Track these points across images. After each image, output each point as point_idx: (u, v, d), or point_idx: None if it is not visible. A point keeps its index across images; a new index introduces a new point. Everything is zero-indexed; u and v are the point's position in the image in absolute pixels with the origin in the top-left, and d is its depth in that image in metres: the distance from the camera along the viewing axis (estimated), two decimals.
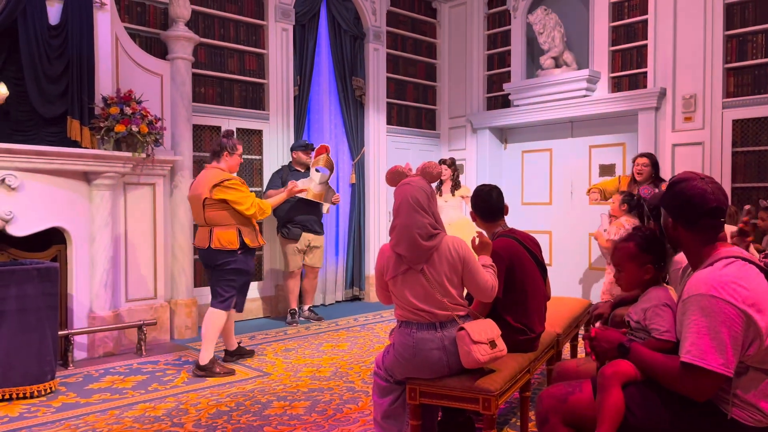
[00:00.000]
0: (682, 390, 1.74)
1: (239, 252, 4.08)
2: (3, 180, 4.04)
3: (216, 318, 4.09)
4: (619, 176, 5.85)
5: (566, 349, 4.15)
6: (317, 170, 5.63)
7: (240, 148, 4.23)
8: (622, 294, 2.37)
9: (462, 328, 2.41)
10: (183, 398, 3.61)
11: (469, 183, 7.41)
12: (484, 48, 7.56)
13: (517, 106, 7.09)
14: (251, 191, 4.31)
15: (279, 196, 4.83)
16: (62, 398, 3.61)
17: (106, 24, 4.66)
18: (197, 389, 3.79)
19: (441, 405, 2.63)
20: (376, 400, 2.69)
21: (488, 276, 2.53)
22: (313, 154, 5.66)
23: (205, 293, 5.64)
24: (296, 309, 5.83)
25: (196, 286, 5.50)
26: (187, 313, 5.25)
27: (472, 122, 7.58)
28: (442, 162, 6.43)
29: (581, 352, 4.30)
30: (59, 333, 3.98)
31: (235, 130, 4.98)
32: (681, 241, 1.87)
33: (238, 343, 4.59)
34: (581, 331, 4.14)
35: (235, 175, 4.21)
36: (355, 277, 7.05)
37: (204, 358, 4.07)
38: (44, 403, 3.54)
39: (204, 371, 4.06)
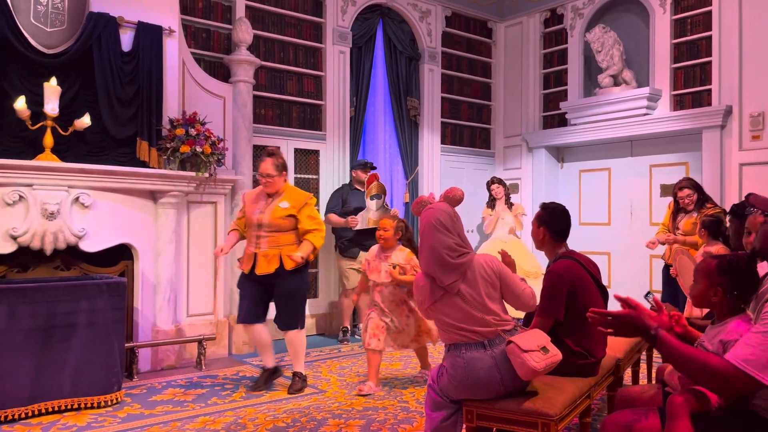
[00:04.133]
0: (712, 386, 1.76)
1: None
2: (77, 198, 4.25)
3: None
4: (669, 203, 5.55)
5: (627, 374, 4.02)
6: (371, 199, 5.73)
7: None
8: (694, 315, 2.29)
9: (510, 342, 2.40)
10: (241, 413, 3.69)
11: (525, 203, 7.33)
12: (540, 67, 7.51)
13: (575, 124, 6.99)
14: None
15: (338, 221, 5.27)
16: (128, 409, 3.74)
17: (174, 50, 4.88)
18: (254, 404, 3.86)
19: (498, 428, 2.60)
20: (428, 413, 2.68)
21: (525, 285, 2.59)
22: (365, 184, 5.77)
23: None
24: (348, 327, 5.87)
25: None
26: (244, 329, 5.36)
27: (527, 141, 7.51)
28: (492, 182, 6.55)
29: (643, 378, 4.16)
30: (125, 345, 4.14)
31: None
32: None
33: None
34: (643, 356, 4.01)
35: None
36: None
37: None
38: (110, 413, 3.67)
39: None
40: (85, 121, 4.30)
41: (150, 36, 4.67)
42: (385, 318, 4.16)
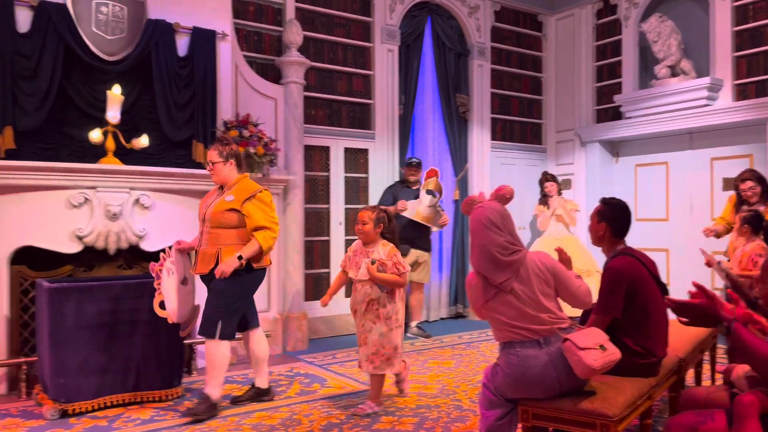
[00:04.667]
0: None
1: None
2: (137, 200, 4.41)
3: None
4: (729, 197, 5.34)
5: (689, 375, 3.88)
6: (427, 192, 5.71)
7: None
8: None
9: (566, 339, 2.36)
10: (296, 409, 3.75)
11: (578, 198, 7.17)
12: (592, 59, 7.33)
13: (630, 117, 6.79)
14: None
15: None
16: (187, 403, 3.85)
17: (227, 54, 4.99)
18: (309, 401, 3.92)
19: (554, 428, 2.56)
20: (482, 412, 2.66)
21: (581, 281, 2.54)
22: (423, 175, 5.76)
23: (315, 307, 5.85)
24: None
25: (306, 300, 5.70)
26: (298, 326, 5.45)
27: (580, 136, 7.35)
28: (546, 178, 6.44)
29: (706, 380, 4.01)
30: (184, 342, 4.26)
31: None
32: None
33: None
34: (706, 357, 3.87)
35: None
36: (459, 294, 7.01)
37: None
38: (171, 407, 3.80)
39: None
40: (143, 141, 4.44)
41: (204, 41, 4.80)
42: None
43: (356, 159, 6.26)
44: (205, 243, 3.65)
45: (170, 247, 3.78)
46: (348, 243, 6.15)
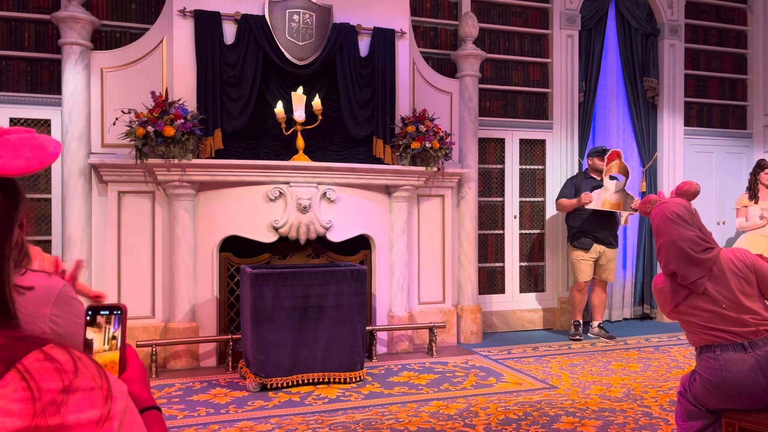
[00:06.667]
0: None
1: None
2: (324, 194, 4.73)
3: None
4: None
5: None
6: (611, 178, 5.39)
7: None
8: None
9: None
10: (473, 401, 3.77)
11: None
12: None
13: None
14: None
15: (569, 203, 4.94)
16: (369, 387, 4.07)
17: (405, 51, 5.14)
18: (485, 394, 3.92)
19: None
20: (680, 424, 2.45)
21: None
22: (605, 161, 5.42)
23: (488, 300, 5.83)
24: (580, 321, 5.62)
25: (480, 293, 5.70)
26: (472, 318, 5.47)
27: None
28: (761, 167, 5.59)
29: None
30: (366, 328, 4.49)
31: None
32: None
33: None
34: None
35: None
36: (645, 293, 6.52)
37: None
38: (355, 389, 4.03)
39: None
40: (317, 102, 4.60)
41: (384, 40, 4.99)
42: None
43: (532, 150, 6.09)
44: None
45: None
46: (523, 237, 6.03)
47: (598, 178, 5.52)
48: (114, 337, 0.86)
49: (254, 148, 4.79)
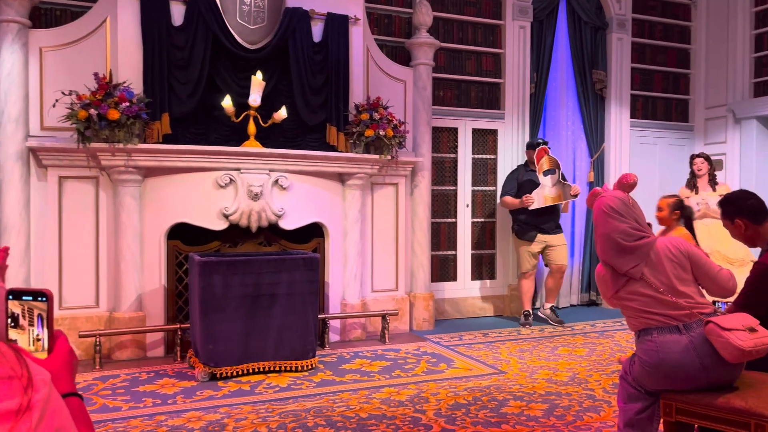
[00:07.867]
0: None
1: None
2: (276, 181, 4.66)
3: None
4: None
5: None
6: (545, 174, 5.50)
7: None
8: None
9: (709, 322, 2.19)
10: (423, 387, 3.80)
11: (731, 181, 6.53)
12: (750, 27, 6.61)
13: None
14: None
15: (513, 202, 5.22)
16: (321, 375, 4.05)
17: (359, 38, 5.10)
18: (436, 380, 3.96)
19: (701, 425, 2.38)
20: (621, 406, 2.54)
21: (720, 266, 2.41)
22: (535, 159, 5.50)
23: (440, 288, 5.89)
24: (530, 311, 5.73)
25: (433, 281, 5.75)
26: (424, 306, 5.52)
27: (734, 112, 6.68)
28: (696, 156, 5.76)
29: None
30: (318, 316, 4.47)
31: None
32: None
33: None
34: None
35: None
36: (592, 280, 6.71)
37: None
38: (306, 377, 4.01)
39: None
40: (282, 113, 4.66)
41: (338, 26, 4.93)
42: None
43: (485, 140, 6.16)
44: None
45: None
46: (475, 225, 6.10)
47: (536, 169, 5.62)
48: (39, 339, 0.82)
49: (204, 134, 4.67)
